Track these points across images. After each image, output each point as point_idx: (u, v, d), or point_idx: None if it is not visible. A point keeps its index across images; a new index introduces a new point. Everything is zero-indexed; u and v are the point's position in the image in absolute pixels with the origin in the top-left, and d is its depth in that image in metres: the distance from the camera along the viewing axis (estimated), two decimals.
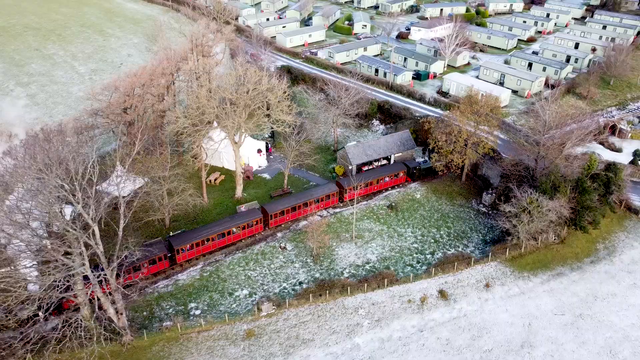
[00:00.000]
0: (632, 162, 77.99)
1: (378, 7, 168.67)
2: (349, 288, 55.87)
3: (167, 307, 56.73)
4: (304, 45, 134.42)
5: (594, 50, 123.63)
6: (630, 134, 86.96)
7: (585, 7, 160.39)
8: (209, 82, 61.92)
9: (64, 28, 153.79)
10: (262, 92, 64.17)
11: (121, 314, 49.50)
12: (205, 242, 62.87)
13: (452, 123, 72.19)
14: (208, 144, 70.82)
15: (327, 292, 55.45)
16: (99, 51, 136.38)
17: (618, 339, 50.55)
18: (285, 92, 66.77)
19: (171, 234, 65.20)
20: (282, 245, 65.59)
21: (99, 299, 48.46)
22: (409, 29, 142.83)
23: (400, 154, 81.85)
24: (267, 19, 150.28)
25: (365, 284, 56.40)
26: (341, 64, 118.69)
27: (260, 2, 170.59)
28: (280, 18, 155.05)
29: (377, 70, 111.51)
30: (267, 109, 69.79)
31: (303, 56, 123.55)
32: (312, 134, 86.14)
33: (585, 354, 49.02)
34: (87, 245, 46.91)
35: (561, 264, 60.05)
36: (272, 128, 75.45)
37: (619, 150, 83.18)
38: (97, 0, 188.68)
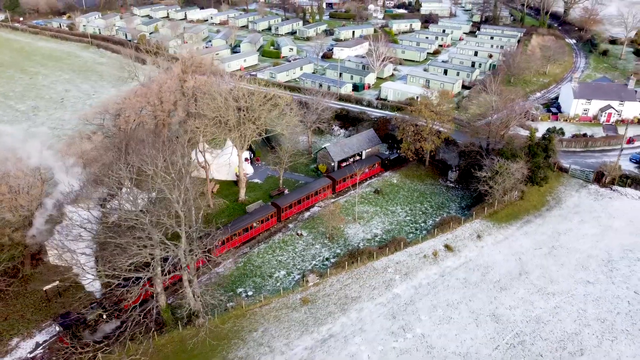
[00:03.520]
0: None
1: (295, 32, 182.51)
2: (375, 253, 65.81)
3: (218, 295, 62.21)
4: (240, 69, 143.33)
5: (490, 56, 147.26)
6: (540, 117, 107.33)
7: (471, 23, 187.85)
8: (220, 95, 68.80)
9: None
10: (269, 100, 72.75)
11: (198, 297, 54.80)
12: (233, 238, 69.23)
13: (417, 117, 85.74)
14: (212, 154, 77.25)
15: (358, 259, 64.88)
16: (31, 89, 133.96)
17: (584, 258, 65.93)
18: (288, 104, 75.90)
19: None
20: (299, 232, 73.79)
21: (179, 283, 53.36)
22: (331, 49, 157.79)
23: (370, 149, 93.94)
24: (197, 48, 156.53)
25: (387, 249, 66.74)
26: (284, 82, 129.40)
27: (182, 33, 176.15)
28: (206, 47, 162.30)
29: (320, 85, 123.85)
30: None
31: (246, 78, 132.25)
32: (284, 141, 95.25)
33: (567, 271, 63.58)
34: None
35: (526, 214, 75.31)
36: (259, 135, 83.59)
37: (535, 130, 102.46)
38: (2, 41, 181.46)
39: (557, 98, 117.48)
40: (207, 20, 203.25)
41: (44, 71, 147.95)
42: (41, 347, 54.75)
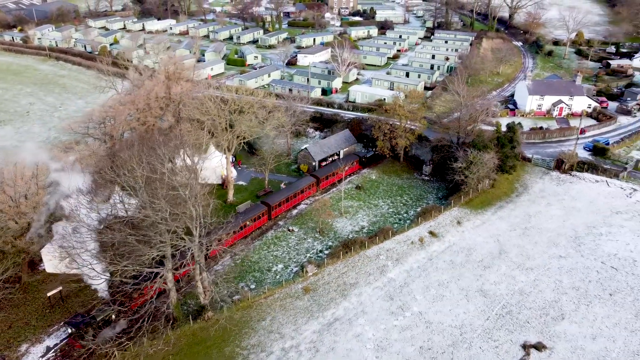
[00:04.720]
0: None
1: (257, 41, 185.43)
2: (366, 243, 69.89)
3: (221, 290, 64.49)
4: (207, 77, 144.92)
5: (447, 59, 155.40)
6: (499, 113, 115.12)
7: (425, 29, 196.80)
8: (210, 99, 71.25)
9: None
10: (257, 102, 75.88)
11: (208, 290, 57.04)
12: (228, 236, 71.55)
13: (391, 116, 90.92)
14: (200, 158, 79.30)
15: (352, 248, 68.77)
16: None
17: (555, 236, 72.49)
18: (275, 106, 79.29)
19: None
20: (290, 228, 76.95)
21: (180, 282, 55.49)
22: (295, 56, 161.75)
23: (347, 148, 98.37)
24: (175, 55, 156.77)
25: (376, 238, 70.97)
26: (254, 89, 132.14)
27: (142, 44, 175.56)
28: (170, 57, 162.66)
29: (290, 90, 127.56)
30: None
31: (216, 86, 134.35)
32: (263, 144, 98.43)
33: (541, 248, 69.80)
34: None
35: (498, 200, 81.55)
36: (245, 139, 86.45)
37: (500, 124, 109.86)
38: None
39: (512, 95, 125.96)
40: (166, 30, 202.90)
41: (3, 85, 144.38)
42: (52, 350, 55.45)
